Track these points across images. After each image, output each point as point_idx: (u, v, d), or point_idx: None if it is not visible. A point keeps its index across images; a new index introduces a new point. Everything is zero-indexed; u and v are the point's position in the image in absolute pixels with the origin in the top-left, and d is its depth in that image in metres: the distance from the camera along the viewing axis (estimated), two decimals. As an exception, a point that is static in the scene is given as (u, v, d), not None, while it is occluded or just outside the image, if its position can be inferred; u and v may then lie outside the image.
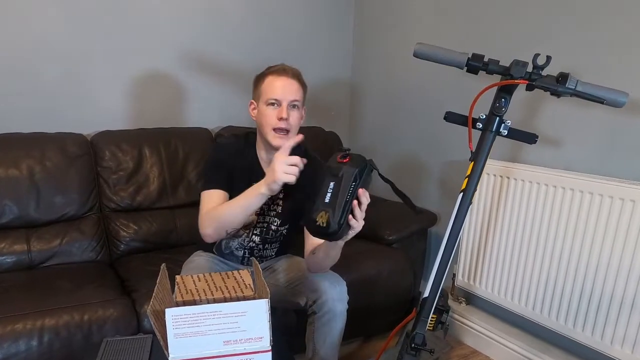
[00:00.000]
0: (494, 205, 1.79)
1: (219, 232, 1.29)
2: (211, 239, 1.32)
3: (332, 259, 1.29)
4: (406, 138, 2.33)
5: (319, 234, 1.04)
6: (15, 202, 1.72)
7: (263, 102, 1.34)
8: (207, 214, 1.30)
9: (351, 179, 1.01)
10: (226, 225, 1.27)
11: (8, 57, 1.83)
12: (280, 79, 1.33)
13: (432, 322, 1.74)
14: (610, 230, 1.44)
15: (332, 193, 1.02)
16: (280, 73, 1.34)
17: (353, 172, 1.01)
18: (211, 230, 1.28)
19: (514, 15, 1.77)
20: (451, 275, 1.99)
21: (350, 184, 1.01)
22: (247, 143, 1.45)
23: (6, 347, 1.28)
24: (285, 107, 1.32)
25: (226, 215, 1.26)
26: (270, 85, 1.33)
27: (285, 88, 1.32)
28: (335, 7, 2.53)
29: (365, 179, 1.05)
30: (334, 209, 1.00)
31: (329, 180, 1.03)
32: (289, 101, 1.33)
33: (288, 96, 1.32)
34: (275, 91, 1.32)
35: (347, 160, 1.04)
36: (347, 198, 1.01)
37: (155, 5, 2.06)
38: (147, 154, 1.98)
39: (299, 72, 1.37)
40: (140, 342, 1.15)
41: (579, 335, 1.55)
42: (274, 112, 1.32)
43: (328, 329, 1.33)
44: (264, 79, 1.36)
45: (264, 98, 1.34)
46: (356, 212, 1.05)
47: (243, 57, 2.31)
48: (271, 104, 1.33)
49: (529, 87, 1.15)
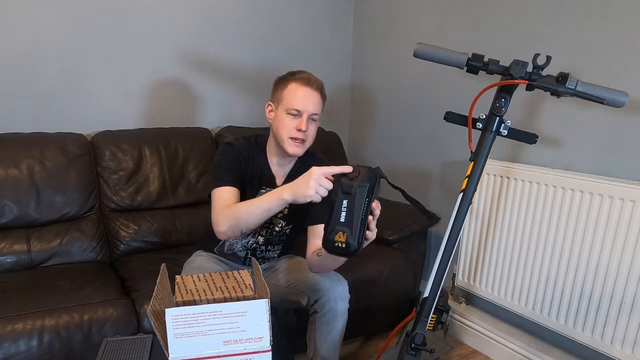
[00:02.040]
0: (494, 205, 1.79)
1: (235, 231, 1.25)
2: (225, 237, 1.29)
3: (340, 263, 1.29)
4: (406, 138, 2.33)
5: (339, 254, 1.03)
6: (15, 202, 1.72)
7: (283, 109, 1.33)
8: (223, 212, 1.26)
9: (364, 196, 1.00)
10: (243, 225, 1.23)
11: (8, 57, 1.83)
12: (303, 89, 1.31)
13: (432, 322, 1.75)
14: (610, 230, 1.44)
15: (347, 212, 1.00)
16: (305, 83, 1.32)
17: (365, 188, 1.00)
18: (226, 228, 1.24)
19: (514, 15, 1.77)
20: (451, 275, 2.00)
21: (364, 201, 0.99)
22: (257, 146, 1.44)
23: (6, 347, 1.28)
24: (305, 119, 1.31)
25: (245, 215, 1.22)
26: (292, 93, 1.31)
27: (308, 100, 1.31)
28: (335, 7, 2.53)
29: (376, 191, 1.03)
30: (351, 228, 0.99)
31: (342, 199, 1.01)
32: (310, 114, 1.32)
33: (309, 108, 1.31)
34: (298, 102, 1.30)
35: (357, 176, 1.02)
36: (363, 215, 0.99)
37: (156, 5, 2.06)
38: (147, 154, 1.98)
39: (322, 84, 1.36)
40: (140, 342, 1.15)
41: (579, 335, 1.55)
42: (293, 122, 1.31)
43: (329, 328, 1.33)
44: (287, 85, 1.33)
45: (285, 105, 1.32)
46: (371, 225, 1.05)
47: (243, 57, 2.31)
48: (291, 114, 1.31)
49: (529, 87, 1.15)
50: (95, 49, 1.98)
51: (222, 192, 1.32)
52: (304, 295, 1.37)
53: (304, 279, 1.39)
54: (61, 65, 1.93)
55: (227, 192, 1.32)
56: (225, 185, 1.33)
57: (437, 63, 1.23)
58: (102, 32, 1.98)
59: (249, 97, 2.35)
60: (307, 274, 1.38)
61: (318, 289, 1.33)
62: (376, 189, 1.03)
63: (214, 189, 1.33)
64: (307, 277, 1.38)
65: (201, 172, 2.05)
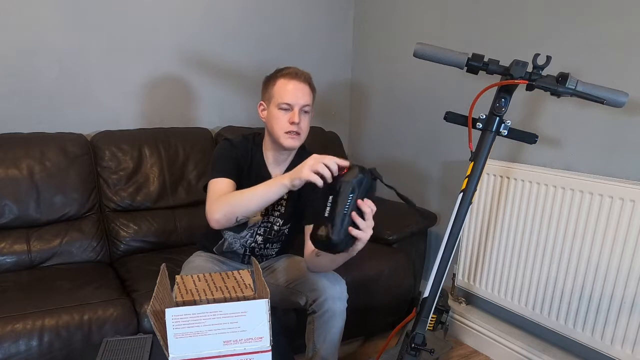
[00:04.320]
0: (494, 205, 1.79)
1: (229, 217, 1.22)
2: (219, 225, 1.25)
3: (337, 264, 1.29)
4: (406, 138, 2.33)
5: (321, 248, 1.06)
6: (15, 202, 1.72)
7: (274, 106, 1.34)
8: (218, 199, 1.25)
9: (348, 191, 1.02)
10: (238, 211, 1.21)
11: (8, 57, 1.83)
12: (292, 83, 1.33)
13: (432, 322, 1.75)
14: (610, 230, 1.44)
15: (331, 207, 1.03)
16: (292, 77, 1.33)
17: (349, 184, 1.02)
18: (220, 215, 1.22)
19: (514, 15, 1.77)
20: (451, 275, 2.00)
21: (348, 196, 1.02)
22: (255, 144, 1.45)
23: (6, 347, 1.28)
24: (297, 111, 1.32)
25: (241, 201, 1.21)
26: (282, 89, 1.33)
27: (297, 93, 1.32)
28: (335, 7, 2.53)
29: (365, 189, 1.04)
30: (333, 222, 1.02)
31: (329, 194, 1.05)
32: (301, 106, 1.33)
33: (300, 101, 1.33)
34: (288, 95, 1.32)
35: (344, 172, 1.05)
36: (345, 210, 1.01)
37: (156, 5, 2.06)
38: (147, 154, 1.98)
39: (310, 76, 1.37)
40: (140, 342, 1.15)
41: (579, 335, 1.55)
42: (286, 116, 1.33)
43: (328, 327, 1.33)
44: (275, 82, 1.35)
45: (276, 101, 1.34)
46: (359, 223, 1.05)
47: (243, 57, 2.31)
48: (283, 108, 1.33)
49: (529, 87, 1.15)
50: (95, 49, 1.98)
51: (218, 183, 1.31)
52: (302, 295, 1.37)
53: (302, 279, 1.39)
54: (61, 65, 1.93)
55: (224, 183, 1.31)
56: (222, 176, 1.32)
57: (437, 63, 1.23)
58: (102, 32, 1.98)
59: (249, 97, 2.35)
60: (305, 274, 1.38)
61: (316, 289, 1.33)
62: (363, 187, 1.04)
63: (211, 179, 1.33)
64: (305, 277, 1.38)
65: (201, 172, 2.05)
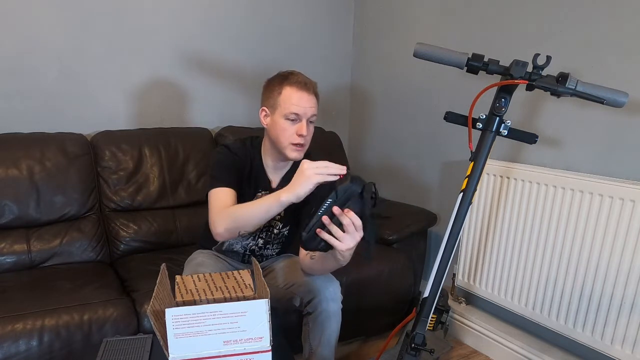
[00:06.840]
0: (494, 205, 1.79)
1: (233, 232, 1.24)
2: (222, 238, 1.27)
3: (327, 270, 1.29)
4: (406, 138, 2.33)
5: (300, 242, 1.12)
6: (15, 202, 1.72)
7: (280, 115, 1.31)
8: (221, 212, 1.25)
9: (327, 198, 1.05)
10: (241, 227, 1.22)
11: (8, 57, 1.83)
12: (300, 94, 1.30)
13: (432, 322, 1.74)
14: (610, 230, 1.44)
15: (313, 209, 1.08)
16: (301, 87, 1.31)
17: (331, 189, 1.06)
18: (224, 229, 1.23)
19: (514, 15, 1.77)
20: (451, 275, 2.00)
21: (326, 200, 1.05)
22: (253, 149, 1.43)
23: (6, 347, 1.28)
24: (305, 123, 1.31)
25: (244, 217, 1.21)
26: (289, 98, 1.30)
27: (306, 104, 1.31)
28: (335, 8, 2.53)
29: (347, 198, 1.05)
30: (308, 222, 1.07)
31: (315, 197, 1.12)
32: (309, 117, 1.32)
33: (308, 112, 1.31)
34: (296, 107, 1.30)
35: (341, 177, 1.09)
36: (320, 212, 1.05)
37: (156, 5, 2.06)
38: (147, 154, 1.98)
39: (316, 85, 1.36)
40: (140, 342, 1.15)
41: (579, 335, 1.55)
42: (293, 127, 1.31)
43: (323, 328, 1.33)
44: (282, 90, 1.32)
45: (282, 111, 1.31)
46: (333, 231, 1.04)
47: (243, 57, 2.31)
48: (290, 119, 1.31)
49: (529, 87, 1.15)
50: (95, 49, 1.98)
51: (219, 193, 1.31)
52: (297, 296, 1.37)
53: (297, 280, 1.38)
54: (61, 65, 1.93)
55: (225, 193, 1.31)
56: (222, 186, 1.32)
57: (437, 63, 1.23)
58: (102, 32, 1.98)
59: (249, 97, 2.35)
60: (300, 275, 1.38)
61: (309, 290, 1.33)
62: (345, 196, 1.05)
63: (212, 189, 1.33)
64: (300, 279, 1.37)
65: (201, 172, 2.05)
